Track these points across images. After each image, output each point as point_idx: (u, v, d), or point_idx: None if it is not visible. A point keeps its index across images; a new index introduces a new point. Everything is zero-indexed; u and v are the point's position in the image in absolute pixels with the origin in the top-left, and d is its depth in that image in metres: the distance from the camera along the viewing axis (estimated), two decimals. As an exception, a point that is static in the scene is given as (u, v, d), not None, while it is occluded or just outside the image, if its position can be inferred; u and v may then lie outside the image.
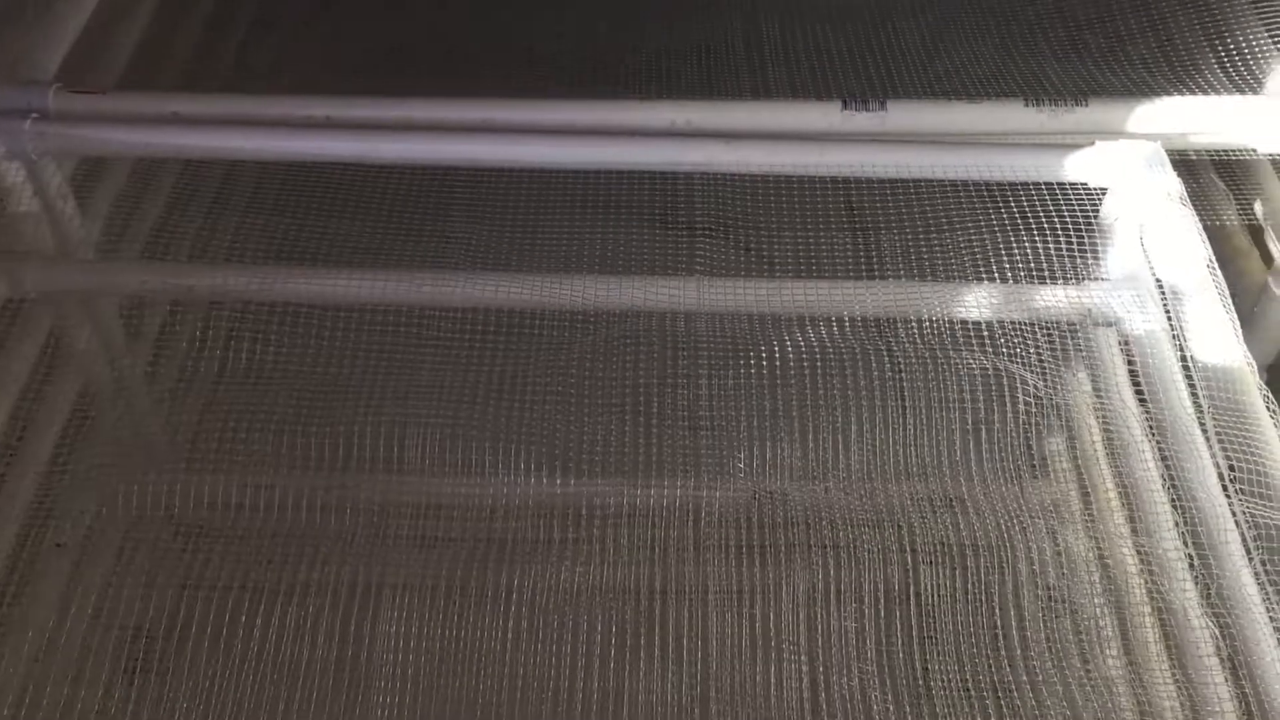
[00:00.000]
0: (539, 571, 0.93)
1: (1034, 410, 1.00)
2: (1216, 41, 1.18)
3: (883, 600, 0.99)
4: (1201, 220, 0.91)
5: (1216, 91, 1.11)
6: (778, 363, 0.94)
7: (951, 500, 1.02)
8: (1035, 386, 0.99)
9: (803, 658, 0.95)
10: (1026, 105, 0.97)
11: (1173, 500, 0.89)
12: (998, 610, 0.98)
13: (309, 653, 0.87)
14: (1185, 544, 0.87)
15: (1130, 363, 0.95)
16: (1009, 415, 0.99)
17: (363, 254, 1.10)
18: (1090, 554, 1.00)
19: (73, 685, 0.89)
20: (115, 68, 1.09)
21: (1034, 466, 1.05)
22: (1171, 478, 0.88)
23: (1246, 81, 1.10)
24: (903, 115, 0.98)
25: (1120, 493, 0.98)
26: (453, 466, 0.95)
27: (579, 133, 0.97)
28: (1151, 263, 0.92)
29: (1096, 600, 0.98)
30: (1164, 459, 0.90)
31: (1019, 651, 0.96)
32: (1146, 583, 0.93)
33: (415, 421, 0.95)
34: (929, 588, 0.98)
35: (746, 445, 1.01)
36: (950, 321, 0.95)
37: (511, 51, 1.38)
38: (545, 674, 0.88)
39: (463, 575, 0.93)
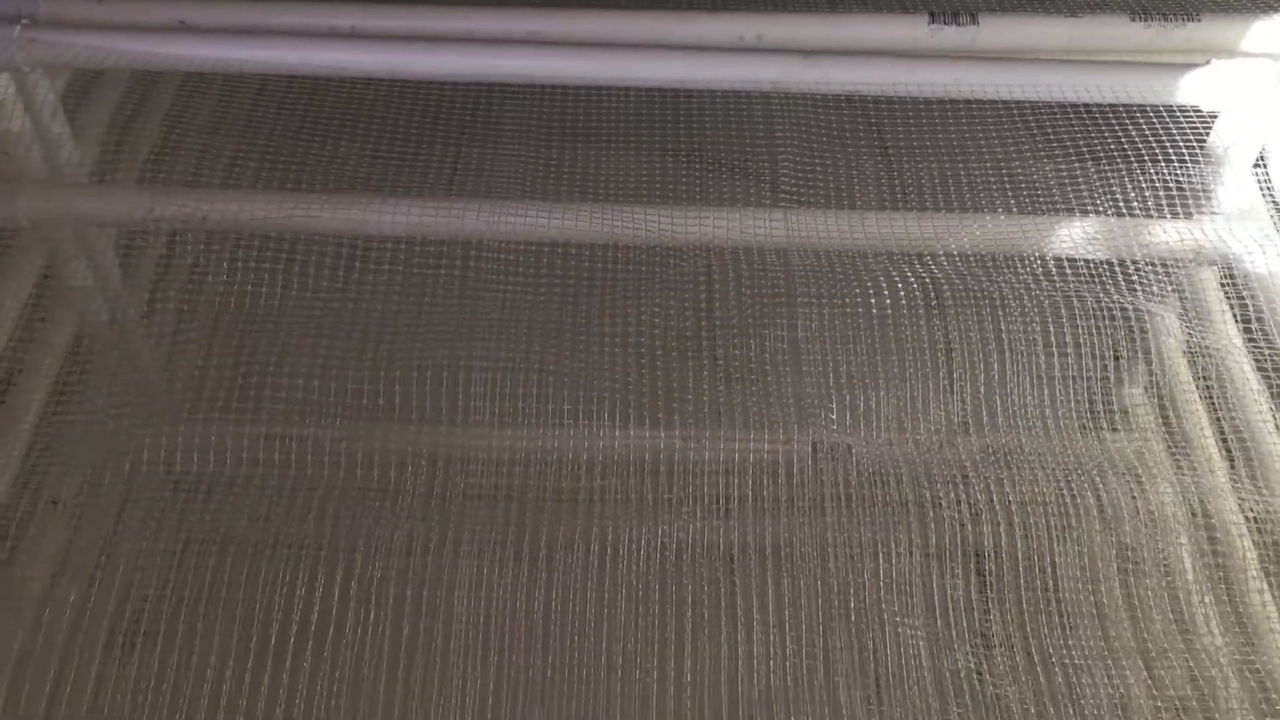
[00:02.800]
0: (606, 528, 0.84)
1: (1124, 356, 0.92)
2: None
3: (948, 556, 0.91)
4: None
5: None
6: (859, 305, 0.86)
7: (1025, 451, 0.94)
8: (1125, 330, 0.91)
9: (871, 615, 0.88)
10: (1133, 19, 0.88)
11: (1293, 452, 0.82)
12: (1073, 570, 0.90)
13: (356, 618, 0.78)
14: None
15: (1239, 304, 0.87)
16: (1098, 361, 0.92)
17: (380, 180, 1.00)
18: (1184, 511, 0.93)
19: (70, 648, 0.80)
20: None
21: (1117, 415, 0.98)
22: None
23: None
24: (995, 30, 0.88)
25: (1220, 444, 0.91)
26: (498, 414, 0.86)
27: (637, 47, 0.87)
28: (1275, 195, 0.84)
29: (1190, 561, 0.90)
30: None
31: (1098, 615, 0.89)
32: (1256, 541, 0.86)
33: (459, 365, 0.86)
34: (997, 544, 0.91)
35: (816, 396, 0.92)
36: (1040, 258, 0.87)
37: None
38: (625, 635, 0.80)
39: (516, 531, 0.84)
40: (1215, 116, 0.87)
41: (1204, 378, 0.92)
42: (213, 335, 0.91)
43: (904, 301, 0.85)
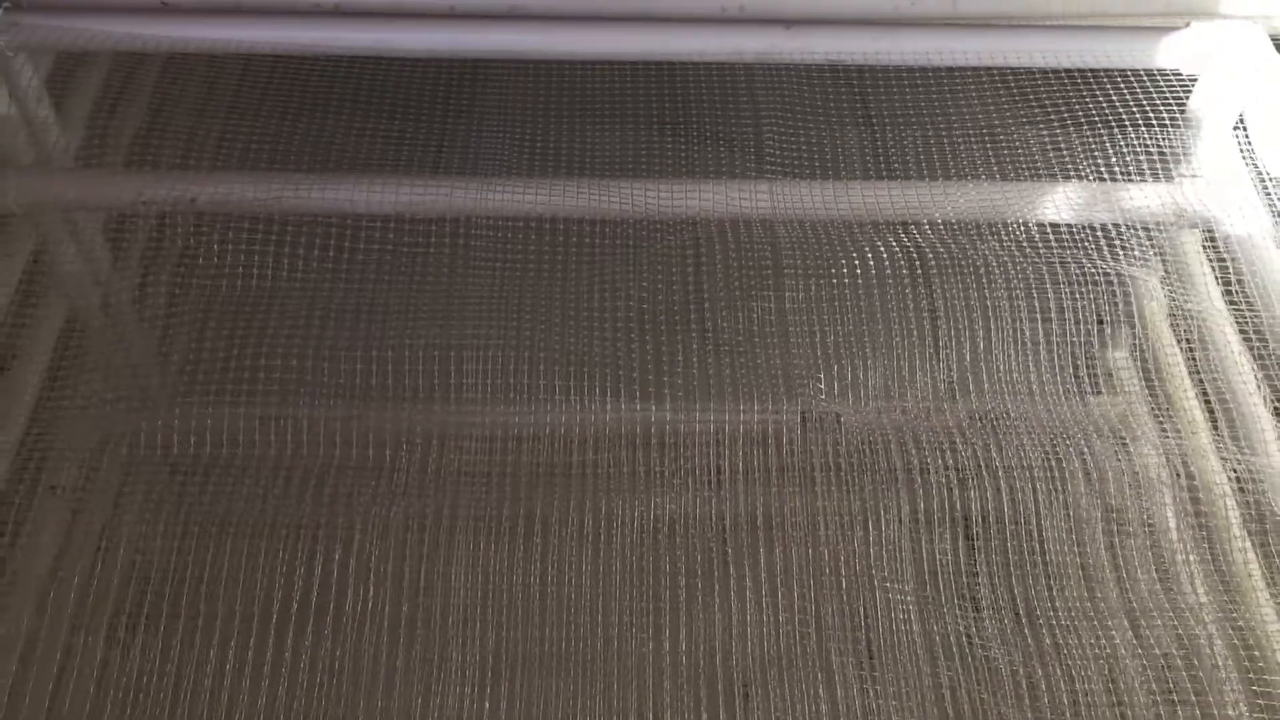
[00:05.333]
0: (599, 501, 0.85)
1: (1107, 320, 0.93)
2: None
3: (937, 521, 0.92)
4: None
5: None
6: (846, 275, 0.87)
7: (1012, 416, 0.95)
8: (1108, 293, 0.91)
9: (862, 582, 0.89)
10: (1112, -15, 0.88)
11: (1276, 411, 0.83)
12: (1061, 532, 0.92)
13: (356, 596, 0.79)
14: (1292, 459, 0.81)
15: (1220, 265, 0.88)
16: (1081, 325, 0.92)
17: (367, 158, 1.00)
18: (1168, 472, 0.94)
19: (74, 632, 0.81)
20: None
21: (1101, 379, 0.98)
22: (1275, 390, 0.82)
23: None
24: (976, -3, 0.89)
25: (1203, 405, 0.92)
26: (493, 391, 0.86)
27: (623, 19, 0.87)
28: (1255, 158, 0.85)
29: (1174, 521, 0.92)
30: (1265, 369, 0.84)
31: (1082, 575, 0.90)
32: (1238, 500, 0.87)
33: (450, 343, 0.86)
34: (985, 509, 0.92)
35: (804, 366, 0.93)
36: (1020, 224, 0.88)
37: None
38: (620, 607, 0.81)
39: (511, 506, 0.85)
40: (1195, 80, 0.88)
41: (1186, 340, 0.93)
42: (205, 318, 0.91)
43: (889, 271, 0.86)
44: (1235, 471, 0.86)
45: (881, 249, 0.86)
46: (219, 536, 0.85)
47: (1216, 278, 0.89)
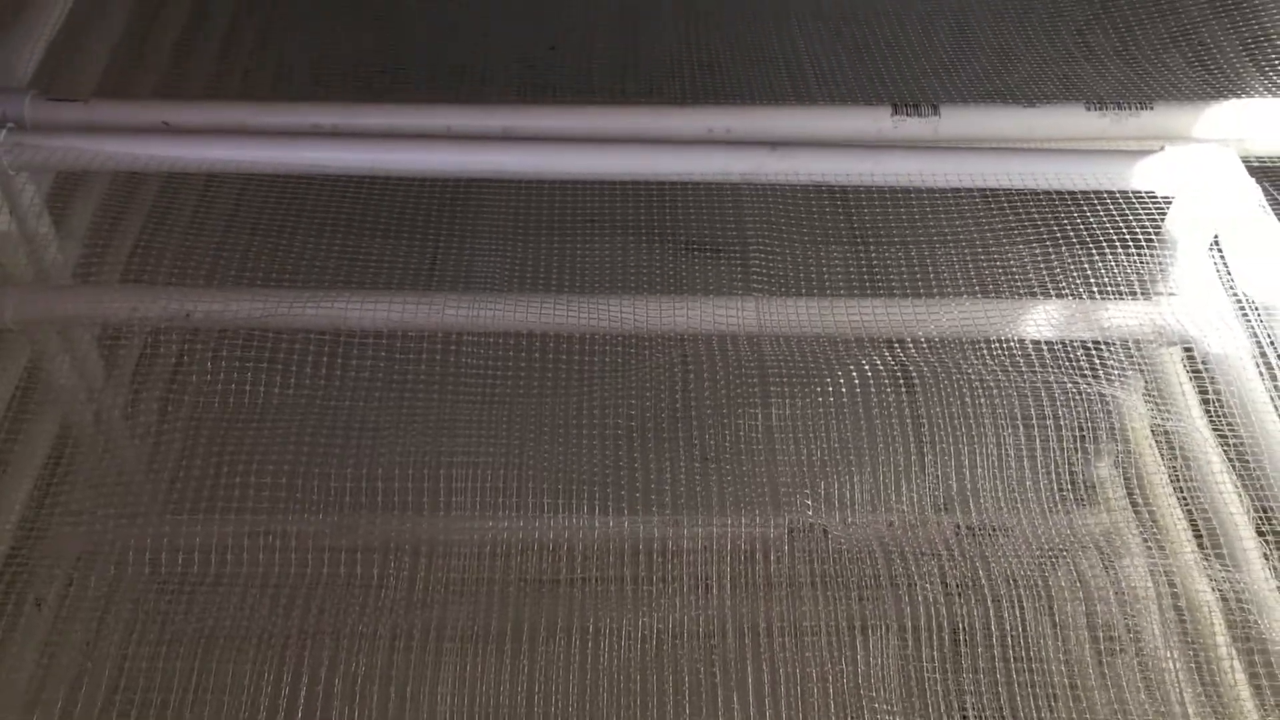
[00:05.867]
0: (587, 615, 0.85)
1: (1090, 436, 0.94)
2: (1254, 48, 1.12)
3: (925, 635, 0.92)
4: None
5: (1260, 94, 1.06)
6: (830, 390, 0.88)
7: (998, 530, 0.95)
8: (1090, 409, 0.93)
9: (850, 698, 0.88)
10: (1088, 109, 0.91)
11: (1258, 529, 0.84)
12: (1049, 646, 0.92)
13: (342, 715, 0.78)
14: (1277, 575, 0.82)
15: (1199, 382, 0.90)
16: (1064, 441, 0.93)
17: (361, 274, 1.02)
18: (1154, 588, 0.94)
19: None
20: (93, 71, 0.99)
21: (1085, 494, 0.99)
22: (1261, 508, 0.83)
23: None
24: (956, 120, 0.91)
25: (1188, 521, 0.93)
26: (482, 505, 0.87)
27: (611, 141, 0.90)
28: (1231, 276, 0.86)
29: (1162, 637, 0.92)
30: (1246, 487, 0.85)
31: (1070, 688, 0.90)
32: (1226, 618, 0.87)
33: (440, 457, 0.87)
34: (971, 622, 0.92)
35: (791, 480, 0.93)
36: (1002, 341, 0.89)
37: (521, 57, 1.30)
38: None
39: (499, 621, 0.84)
40: (1170, 201, 0.90)
41: (1169, 456, 0.94)
42: (195, 431, 0.91)
43: (874, 387, 0.87)
44: (1220, 588, 0.87)
45: (865, 366, 0.87)
46: (205, 652, 0.85)
47: (1197, 395, 0.91)
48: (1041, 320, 0.88)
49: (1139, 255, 0.90)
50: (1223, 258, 0.89)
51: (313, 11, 1.39)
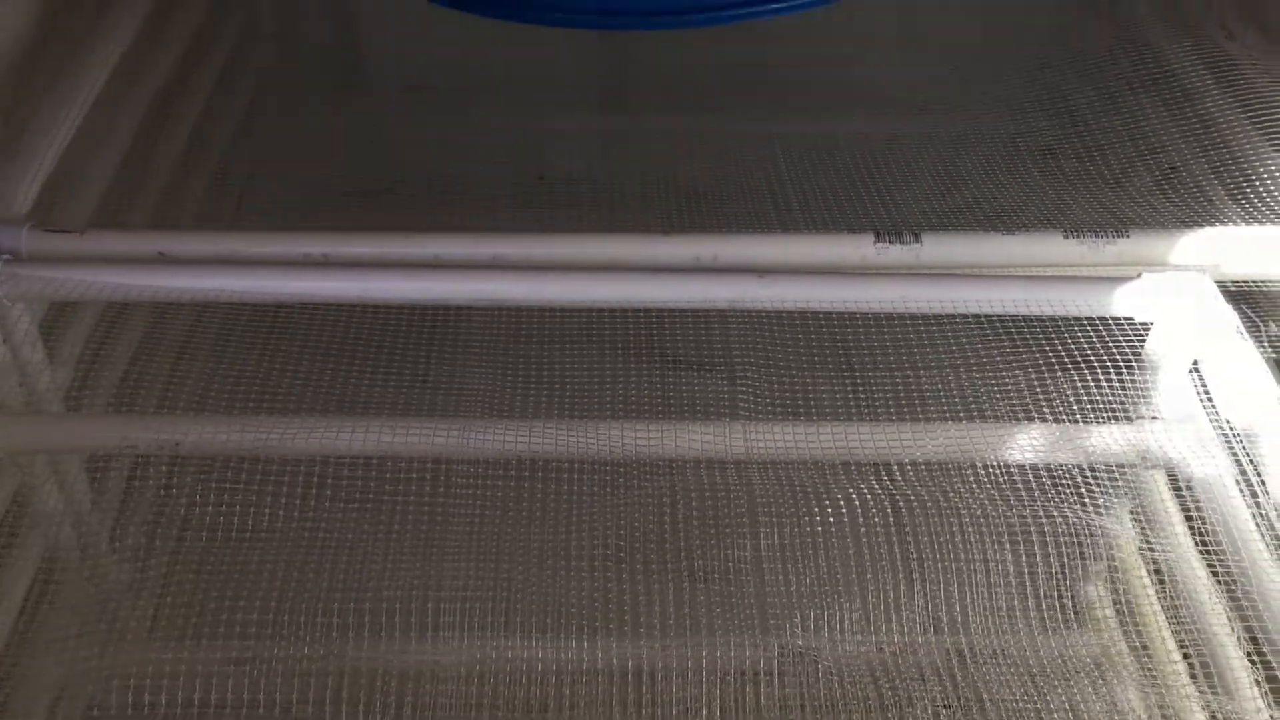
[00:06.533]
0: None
1: (1078, 559, 0.94)
2: (1222, 170, 1.15)
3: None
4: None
5: (1234, 222, 1.08)
6: (818, 517, 0.88)
7: (990, 654, 0.95)
8: (1078, 533, 0.93)
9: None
10: (1066, 237, 0.93)
11: (1249, 655, 0.84)
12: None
13: None
14: (1268, 704, 0.81)
15: (1184, 505, 0.90)
16: (1053, 565, 0.94)
17: (351, 400, 1.02)
18: (1145, 714, 0.94)
19: None
20: (89, 199, 1.01)
21: (1076, 618, 0.99)
22: (1249, 633, 0.83)
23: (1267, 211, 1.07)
24: (937, 248, 0.93)
25: (1179, 646, 0.93)
26: (468, 630, 0.86)
27: (599, 269, 0.91)
28: (1212, 401, 0.88)
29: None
30: (1234, 611, 0.85)
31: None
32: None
33: (429, 583, 0.87)
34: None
35: (780, 603, 0.93)
36: (994, 465, 0.90)
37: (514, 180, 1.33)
38: None
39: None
40: (1149, 326, 0.91)
41: (1158, 580, 0.94)
42: (180, 557, 0.91)
43: (860, 513, 0.88)
44: (1211, 713, 0.86)
45: (853, 493, 0.87)
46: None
47: (1182, 518, 0.91)
48: (1027, 444, 0.89)
49: (1120, 380, 0.91)
50: (1203, 381, 0.90)
51: (305, 138, 1.42)
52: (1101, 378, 0.92)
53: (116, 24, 1.09)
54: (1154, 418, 0.91)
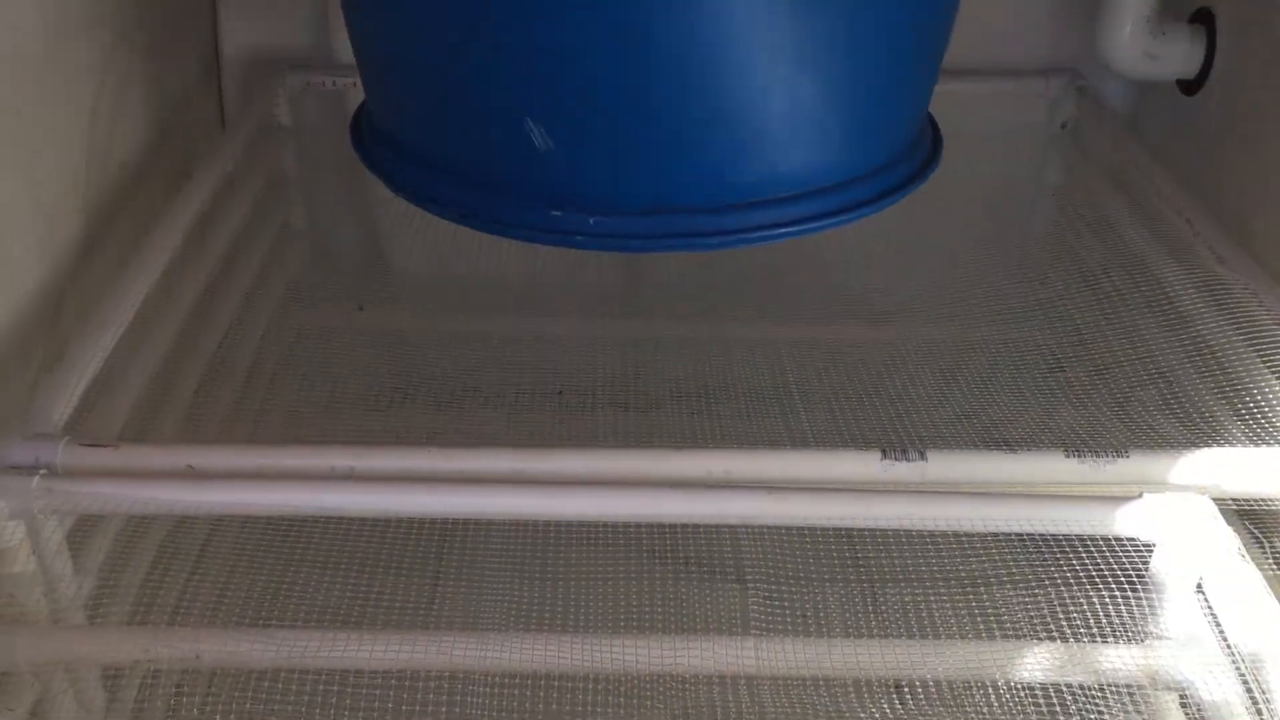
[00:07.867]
0: None
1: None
2: (1230, 392, 1.18)
3: None
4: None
5: (1239, 443, 1.11)
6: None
7: None
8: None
9: None
10: (1067, 456, 0.96)
11: None
12: None
13: None
14: None
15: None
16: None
17: (368, 611, 1.04)
18: None
19: None
20: (120, 413, 1.04)
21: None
22: None
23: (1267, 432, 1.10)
24: (943, 465, 0.96)
25: None
26: None
27: (615, 483, 0.94)
28: (1218, 623, 0.89)
29: None
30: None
31: None
32: None
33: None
34: None
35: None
36: (1005, 685, 0.91)
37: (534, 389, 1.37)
38: None
39: None
40: (1152, 547, 0.93)
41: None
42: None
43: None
44: None
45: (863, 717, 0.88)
46: None
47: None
48: (1039, 663, 0.90)
49: (1125, 600, 0.92)
50: (1207, 601, 0.92)
51: (327, 343, 1.46)
52: (1107, 597, 0.94)
53: (164, 238, 1.14)
54: (1162, 637, 0.92)
